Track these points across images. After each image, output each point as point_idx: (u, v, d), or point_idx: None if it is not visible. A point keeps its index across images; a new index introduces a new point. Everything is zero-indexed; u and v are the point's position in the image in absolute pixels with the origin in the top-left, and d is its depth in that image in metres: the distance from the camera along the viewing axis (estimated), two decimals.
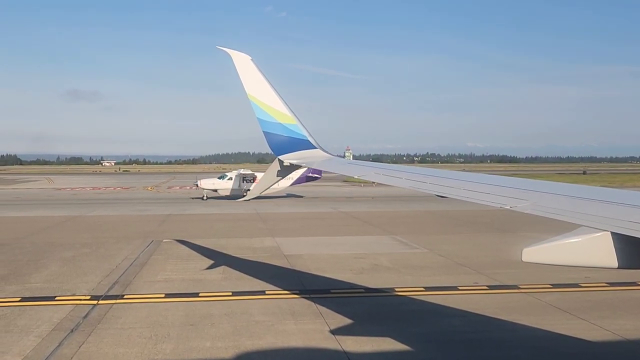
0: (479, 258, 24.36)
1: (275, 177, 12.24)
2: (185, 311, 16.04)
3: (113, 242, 29.30)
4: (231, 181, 57.23)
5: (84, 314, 15.76)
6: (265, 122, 11.80)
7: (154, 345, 13.09)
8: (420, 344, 13.29)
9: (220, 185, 57.40)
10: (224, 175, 58.38)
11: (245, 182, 57.19)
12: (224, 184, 57.28)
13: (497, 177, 7.82)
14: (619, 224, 5.04)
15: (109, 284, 19.39)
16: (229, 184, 57.13)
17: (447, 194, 7.38)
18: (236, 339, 13.53)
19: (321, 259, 24.41)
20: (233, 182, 57.07)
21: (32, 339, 13.49)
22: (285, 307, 16.44)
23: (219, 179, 58.16)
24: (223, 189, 57.30)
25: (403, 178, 8.80)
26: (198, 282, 19.69)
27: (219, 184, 57.56)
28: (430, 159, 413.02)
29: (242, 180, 57.22)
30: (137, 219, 40.99)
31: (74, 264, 23.16)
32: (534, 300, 17.31)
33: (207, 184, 57.78)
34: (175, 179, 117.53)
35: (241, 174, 57.96)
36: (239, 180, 57.17)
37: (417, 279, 20.20)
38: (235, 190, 57.00)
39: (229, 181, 57.29)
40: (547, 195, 6.41)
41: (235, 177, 57.38)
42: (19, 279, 20.47)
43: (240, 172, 58.96)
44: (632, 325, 14.65)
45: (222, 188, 57.30)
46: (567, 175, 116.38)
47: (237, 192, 56.83)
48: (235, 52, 11.74)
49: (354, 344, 13.20)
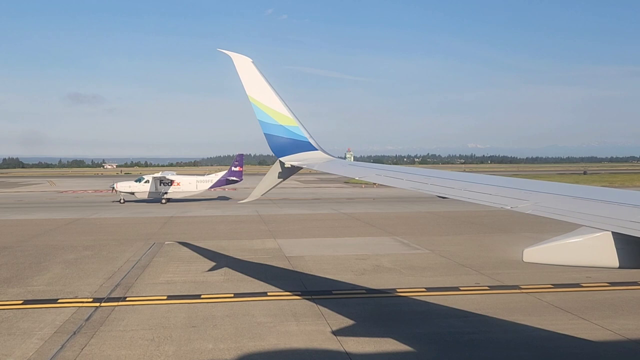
0: (480, 258, 24.37)
1: (276, 179, 12.25)
2: (187, 313, 16.07)
3: (115, 244, 29.34)
4: (148, 184, 57.10)
5: (86, 316, 15.79)
6: (266, 124, 11.83)
7: (156, 348, 13.12)
8: (422, 344, 13.30)
9: (138, 189, 57.35)
10: (141, 178, 58.15)
11: (162, 185, 57.28)
12: (141, 187, 57.24)
13: (498, 178, 7.84)
14: (620, 223, 5.06)
15: (111, 287, 19.42)
16: (146, 187, 57.11)
17: (448, 195, 7.40)
18: (238, 341, 13.56)
19: (322, 260, 24.43)
20: (150, 186, 57.04)
21: (34, 342, 13.52)
22: (287, 308, 16.46)
23: (136, 182, 57.94)
24: (140, 192, 57.27)
25: (404, 179, 8.82)
26: (200, 284, 19.71)
27: (135, 187, 57.50)
28: (431, 159, 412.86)
29: (159, 184, 57.23)
30: (139, 221, 41.03)
31: (76, 267, 23.19)
32: (536, 300, 17.31)
33: (124, 187, 57.69)
34: None
35: (158, 177, 57.96)
36: (156, 184, 57.17)
37: (419, 280, 20.22)
38: (152, 194, 57.14)
39: (145, 184, 57.17)
40: (548, 195, 6.42)
41: (152, 180, 57.29)
42: (21, 281, 20.51)
43: (157, 175, 58.91)
44: (633, 325, 14.65)
45: (140, 191, 57.28)
46: (567, 176, 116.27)
47: (155, 195, 57.07)
48: (236, 54, 11.78)
49: (356, 344, 13.22)
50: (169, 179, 57.65)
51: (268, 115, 11.78)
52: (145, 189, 57.13)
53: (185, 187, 58.29)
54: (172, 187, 57.56)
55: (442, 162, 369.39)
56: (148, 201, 57.40)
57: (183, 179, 59.10)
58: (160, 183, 57.29)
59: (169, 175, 59.56)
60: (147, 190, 57.10)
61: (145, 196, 57.31)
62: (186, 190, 58.35)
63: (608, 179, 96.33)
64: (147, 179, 57.55)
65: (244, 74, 11.68)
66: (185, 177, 61.26)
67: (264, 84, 11.78)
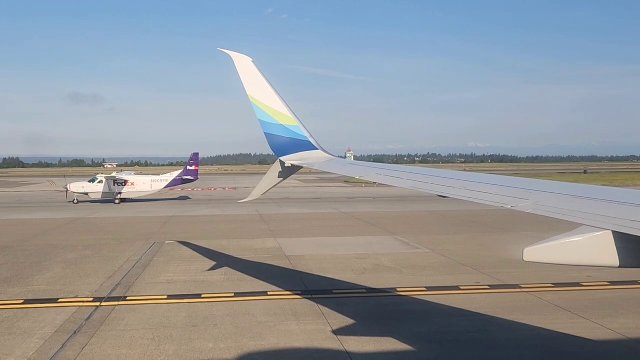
0: (481, 258, 24.37)
1: (277, 178, 12.26)
2: (187, 312, 16.07)
3: (115, 244, 29.35)
4: (102, 184, 56.96)
5: (86, 316, 15.80)
6: (267, 124, 11.83)
7: (156, 347, 13.13)
8: (422, 343, 13.30)
9: (91, 189, 57.20)
10: (95, 179, 57.96)
11: (116, 185, 57.17)
12: (94, 188, 57.09)
13: (498, 177, 7.84)
14: (621, 222, 5.06)
15: (112, 286, 19.43)
16: (99, 187, 56.97)
17: (449, 194, 7.40)
18: (238, 340, 13.56)
19: (323, 259, 24.43)
20: (104, 186, 56.92)
21: (35, 341, 13.53)
22: (287, 307, 16.47)
23: (90, 182, 57.71)
24: (94, 193, 57.14)
25: (404, 178, 8.82)
26: (200, 284, 19.72)
27: (89, 187, 57.32)
28: (431, 159, 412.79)
29: (113, 184, 57.12)
30: (140, 221, 41.05)
31: (76, 266, 23.20)
32: (536, 299, 17.31)
33: (77, 187, 57.47)
34: None
35: (112, 177, 57.93)
36: (110, 184, 57.07)
37: (419, 279, 20.22)
38: (106, 194, 57.01)
39: (99, 184, 57.03)
40: (548, 194, 6.42)
41: (106, 180, 57.20)
42: (22, 281, 20.52)
43: (110, 175, 58.85)
44: (634, 324, 14.65)
45: (93, 192, 57.14)
46: (568, 175, 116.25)
47: (109, 195, 56.92)
48: (236, 54, 11.78)
49: (356, 344, 13.22)
50: (123, 179, 57.66)
51: (268, 114, 11.78)
52: (99, 189, 56.95)
53: (140, 187, 58.18)
54: (126, 187, 57.40)
55: (443, 162, 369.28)
56: (102, 201, 57.20)
57: (137, 179, 59.11)
58: (114, 183, 57.20)
59: (124, 175, 59.78)
60: (101, 191, 56.92)
61: (99, 196, 57.10)
62: (141, 190, 58.25)
63: (608, 178, 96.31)
64: (101, 179, 57.39)
65: (244, 74, 11.68)
66: (140, 177, 61.32)
67: (264, 84, 11.78)
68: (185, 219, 42.17)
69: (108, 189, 57.03)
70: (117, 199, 57.02)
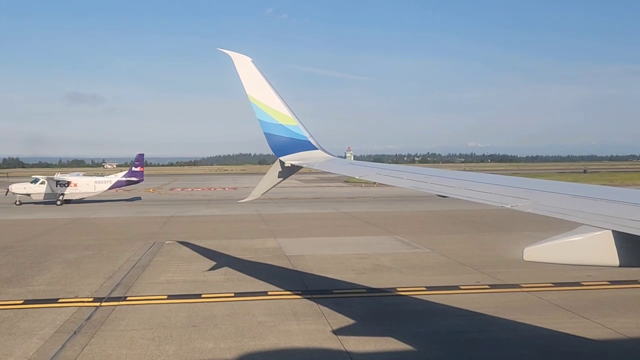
0: (481, 257, 24.37)
1: (276, 178, 12.25)
2: (187, 312, 16.07)
3: (115, 244, 29.35)
4: (44, 185, 56.59)
5: (86, 316, 15.80)
6: (266, 124, 11.83)
7: (156, 347, 13.13)
8: (423, 343, 13.31)
9: (33, 190, 56.77)
10: (37, 179, 57.43)
11: (59, 186, 56.84)
12: (36, 189, 56.70)
13: (498, 177, 7.84)
14: (621, 222, 5.05)
15: (112, 286, 19.42)
16: (42, 189, 56.61)
17: (449, 194, 7.40)
18: (239, 340, 13.56)
19: (323, 259, 24.43)
20: (46, 187, 56.57)
21: (35, 342, 13.53)
22: (287, 307, 16.47)
23: (32, 184, 57.25)
24: (36, 194, 56.76)
25: (404, 178, 8.82)
26: (200, 284, 19.72)
27: (30, 188, 56.89)
28: (431, 159, 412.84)
29: (55, 185, 56.79)
30: (140, 221, 41.04)
31: (76, 266, 23.20)
32: (536, 299, 17.32)
33: (19, 188, 57.00)
34: (177, 181, 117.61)
35: (54, 178, 57.56)
36: (52, 185, 56.73)
37: (419, 279, 20.22)
38: (48, 195, 56.63)
39: (41, 185, 56.65)
40: (548, 194, 6.42)
41: (48, 181, 56.84)
42: (22, 281, 20.52)
43: (53, 176, 58.44)
44: (634, 324, 14.65)
45: (35, 193, 56.73)
46: (567, 174, 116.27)
47: (51, 196, 56.58)
48: (236, 53, 11.77)
49: (356, 344, 13.22)
50: (66, 180, 57.28)
51: (268, 114, 11.78)
52: (41, 190, 56.56)
53: (83, 188, 57.90)
54: (68, 189, 56.97)
55: (442, 161, 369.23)
56: (44, 203, 56.70)
57: (80, 180, 58.79)
58: (57, 184, 56.83)
59: (67, 176, 59.58)
60: (43, 192, 56.52)
61: (41, 197, 56.70)
62: (84, 191, 57.97)
63: (608, 178, 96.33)
64: (43, 180, 57.00)
65: (243, 74, 11.67)
66: (84, 178, 61.04)
67: (264, 83, 11.77)
68: (185, 219, 42.17)
69: (50, 190, 56.53)
70: (59, 200, 56.42)
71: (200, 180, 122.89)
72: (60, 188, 56.82)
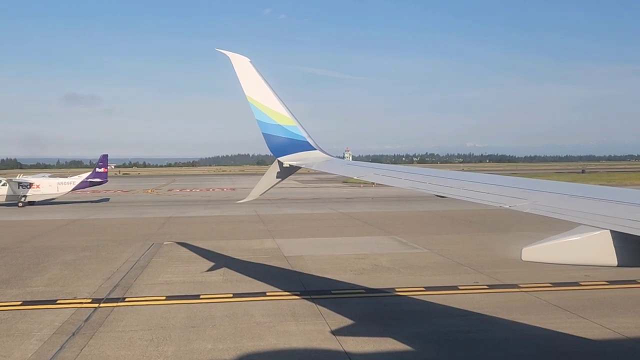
0: (479, 257, 24.39)
1: (275, 179, 12.24)
2: (186, 313, 16.06)
3: (114, 245, 29.31)
4: (5, 187, 56.06)
5: (85, 317, 15.77)
6: (265, 124, 11.83)
7: (155, 348, 13.11)
8: (421, 343, 13.31)
9: None
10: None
11: (20, 187, 56.33)
12: None
13: (496, 177, 7.85)
14: (619, 222, 5.06)
15: (110, 287, 19.40)
16: (3, 190, 56.01)
17: (447, 194, 7.40)
18: (237, 341, 13.56)
19: (321, 259, 24.43)
20: (7, 189, 56.08)
21: (33, 343, 13.51)
22: (286, 308, 16.47)
23: None
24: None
25: (402, 178, 8.83)
26: (199, 284, 19.70)
27: None
28: (430, 159, 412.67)
29: (17, 186, 56.28)
30: (138, 222, 41.00)
31: (75, 267, 23.17)
32: (534, 299, 17.33)
33: None
34: (175, 182, 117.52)
35: (16, 180, 57.13)
36: (14, 187, 56.22)
37: (418, 279, 20.23)
38: (10, 197, 56.14)
39: (2, 187, 56.09)
40: (546, 194, 6.43)
41: (10, 183, 56.37)
42: (20, 282, 20.48)
43: (11, 178, 57.93)
44: (632, 323, 14.67)
45: None
46: (565, 174, 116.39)
47: (13, 198, 56.15)
48: (234, 54, 11.77)
49: (355, 344, 13.22)
50: (28, 182, 56.73)
51: (266, 115, 11.78)
52: (2, 192, 55.96)
53: (45, 190, 57.35)
54: (31, 190, 56.35)
55: (441, 161, 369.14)
56: (6, 205, 56.00)
57: (43, 181, 58.27)
58: (19, 186, 56.30)
59: (31, 177, 59.11)
60: (5, 194, 55.93)
61: (2, 199, 56.04)
62: (46, 192, 57.44)
63: (606, 178, 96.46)
64: (4, 182, 56.52)
65: (242, 74, 11.67)
66: (47, 179, 60.52)
67: (262, 84, 11.77)
68: (183, 220, 42.13)
69: (12, 192, 55.96)
70: (21, 202, 55.81)
71: (199, 180, 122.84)
72: (22, 189, 56.10)
